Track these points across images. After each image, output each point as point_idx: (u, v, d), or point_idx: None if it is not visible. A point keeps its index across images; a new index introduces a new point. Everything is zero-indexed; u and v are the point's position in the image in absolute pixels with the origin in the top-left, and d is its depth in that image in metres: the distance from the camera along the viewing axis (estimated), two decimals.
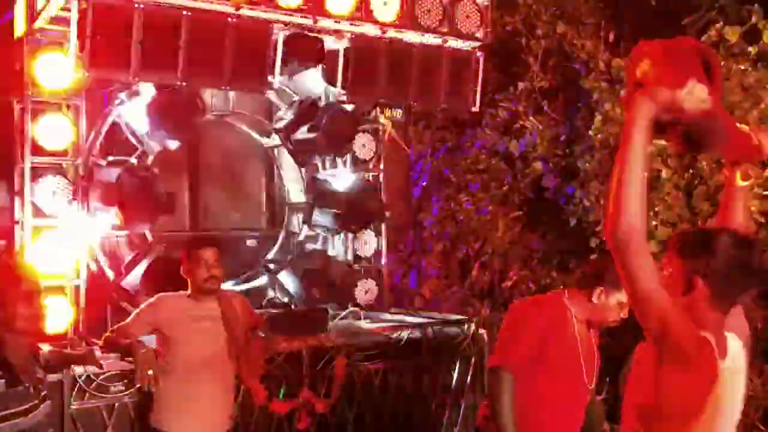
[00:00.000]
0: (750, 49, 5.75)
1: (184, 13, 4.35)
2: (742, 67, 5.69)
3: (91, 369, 4.28)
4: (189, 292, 4.25)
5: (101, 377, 4.34)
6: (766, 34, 5.75)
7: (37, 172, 4.93)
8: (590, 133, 6.93)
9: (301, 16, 4.79)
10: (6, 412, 2.90)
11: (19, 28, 4.99)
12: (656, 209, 5.92)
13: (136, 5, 4.19)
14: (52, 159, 4.99)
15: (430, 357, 5.46)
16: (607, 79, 7.08)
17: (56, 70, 4.82)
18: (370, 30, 5.07)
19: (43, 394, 3.14)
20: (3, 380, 2.91)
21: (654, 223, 5.90)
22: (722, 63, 5.76)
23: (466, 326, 5.64)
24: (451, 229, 8.41)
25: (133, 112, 5.30)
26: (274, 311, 5.43)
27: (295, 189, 6.41)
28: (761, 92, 5.66)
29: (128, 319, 4.21)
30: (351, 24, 4.96)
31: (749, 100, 5.64)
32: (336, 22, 4.91)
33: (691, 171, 5.81)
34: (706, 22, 6.52)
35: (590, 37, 7.44)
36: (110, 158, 5.37)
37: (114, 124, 5.39)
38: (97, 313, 5.12)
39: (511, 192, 8.15)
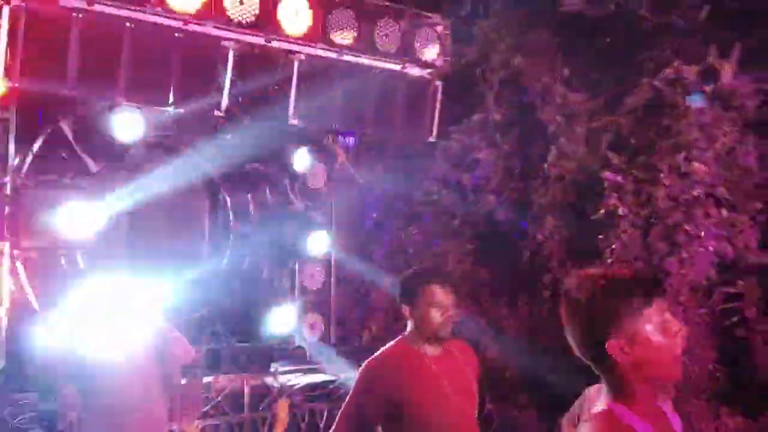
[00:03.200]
0: (706, 88, 5.73)
1: (127, 24, 4.06)
2: (699, 106, 5.67)
3: (8, 410, 3.89)
4: (120, 325, 3.93)
5: (18, 419, 3.95)
6: (722, 73, 5.76)
7: None
8: (545, 166, 6.83)
9: (254, 34, 4.53)
10: None
11: None
12: (612, 247, 5.81)
13: (75, 14, 3.88)
14: None
15: None
16: (564, 113, 7.02)
17: None
18: (326, 52, 4.84)
19: None
20: None
21: (609, 260, 5.79)
22: (679, 101, 5.76)
23: None
24: (401, 262, 8.20)
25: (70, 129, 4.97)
26: (214, 346, 5.10)
27: (240, 217, 6.10)
28: (717, 131, 5.64)
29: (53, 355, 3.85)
30: (305, 45, 4.72)
31: (705, 139, 5.62)
32: (290, 42, 4.67)
33: (647, 209, 5.73)
34: (662, 61, 6.53)
35: (546, 70, 7.39)
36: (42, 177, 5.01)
37: (49, 141, 5.04)
38: (19, 347, 4.70)
39: (463, 225, 7.99)
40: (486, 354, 8.01)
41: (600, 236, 5.94)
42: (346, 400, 3.24)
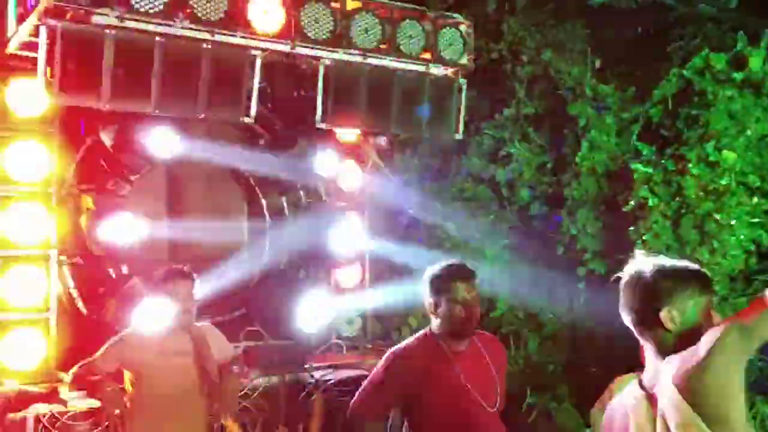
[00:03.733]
0: (736, 75, 5.68)
1: (157, 38, 4.24)
2: (729, 94, 5.62)
3: (56, 407, 4.11)
4: (161, 325, 4.12)
5: (66, 416, 4.18)
6: (752, 60, 5.70)
7: (8, 201, 4.79)
8: (576, 160, 6.85)
9: (279, 42, 4.68)
10: None
11: None
12: (643, 238, 5.81)
13: (107, 31, 4.07)
14: (24, 188, 4.85)
15: None
16: (594, 106, 7.02)
17: (28, 97, 4.73)
18: (351, 56, 4.96)
19: None
20: None
21: (641, 251, 5.79)
22: (708, 90, 5.72)
23: None
24: (438, 258, 8.27)
25: (111, 139, 5.20)
26: (251, 344, 5.27)
27: (276, 215, 6.28)
28: (747, 119, 5.59)
29: (96, 355, 4.07)
30: (330, 50, 4.85)
31: (735, 127, 5.58)
32: (314, 48, 4.80)
33: (678, 199, 5.71)
34: (691, 50, 6.49)
35: (576, 63, 7.40)
36: (84, 186, 5.24)
37: (90, 152, 5.28)
38: (68, 348, 4.95)
39: (499, 220, 8.04)
40: (527, 347, 8.06)
41: (631, 228, 5.95)
42: (367, 381, 3.38)
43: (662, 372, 2.20)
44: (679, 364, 2.15)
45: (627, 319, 2.37)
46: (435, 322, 3.35)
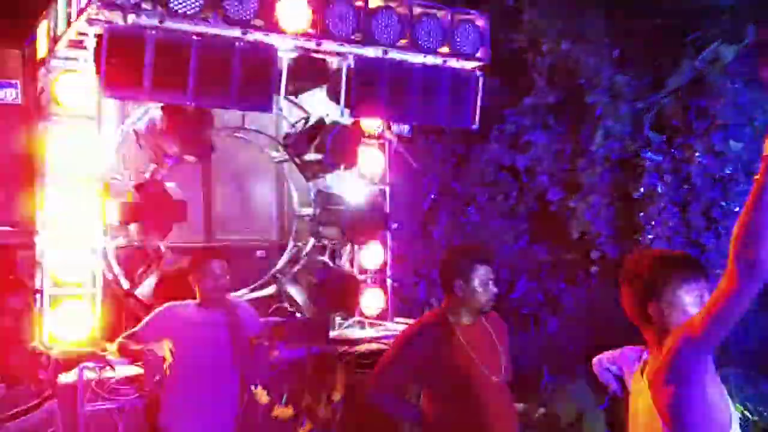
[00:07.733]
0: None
1: (194, 37, 4.60)
2: (737, 86, 5.82)
3: (104, 374, 4.52)
4: (197, 300, 4.49)
5: (113, 381, 4.58)
6: (761, 52, 5.89)
7: (58, 189, 5.19)
8: (592, 147, 7.09)
9: (306, 39, 5.01)
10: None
11: (41, 51, 5.29)
12: (652, 224, 6.06)
13: (148, 31, 4.44)
14: (70, 176, 5.24)
15: None
16: (610, 95, 7.24)
17: (75, 89, 5.13)
18: (372, 51, 5.27)
19: (45, 394, 3.40)
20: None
21: (650, 237, 6.05)
22: (717, 81, 5.93)
23: None
24: (459, 240, 8.60)
25: (147, 127, 5.56)
26: (278, 319, 5.64)
27: (303, 201, 6.63)
28: (754, 110, 5.79)
29: (138, 327, 4.46)
30: (353, 46, 5.17)
31: (743, 118, 5.78)
32: (339, 44, 5.13)
33: (686, 186, 5.95)
34: (707, 41, 6.68)
35: (594, 53, 7.62)
36: (125, 172, 5.63)
37: (128, 140, 5.66)
38: (111, 320, 5.37)
39: (518, 205, 8.32)
40: (545, 328, 8.34)
41: (641, 213, 6.21)
42: (383, 359, 3.72)
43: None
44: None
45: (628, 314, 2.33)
46: (452, 300, 3.64)
